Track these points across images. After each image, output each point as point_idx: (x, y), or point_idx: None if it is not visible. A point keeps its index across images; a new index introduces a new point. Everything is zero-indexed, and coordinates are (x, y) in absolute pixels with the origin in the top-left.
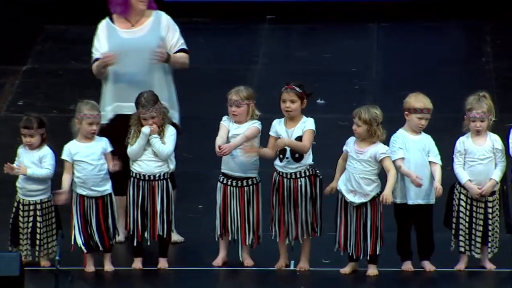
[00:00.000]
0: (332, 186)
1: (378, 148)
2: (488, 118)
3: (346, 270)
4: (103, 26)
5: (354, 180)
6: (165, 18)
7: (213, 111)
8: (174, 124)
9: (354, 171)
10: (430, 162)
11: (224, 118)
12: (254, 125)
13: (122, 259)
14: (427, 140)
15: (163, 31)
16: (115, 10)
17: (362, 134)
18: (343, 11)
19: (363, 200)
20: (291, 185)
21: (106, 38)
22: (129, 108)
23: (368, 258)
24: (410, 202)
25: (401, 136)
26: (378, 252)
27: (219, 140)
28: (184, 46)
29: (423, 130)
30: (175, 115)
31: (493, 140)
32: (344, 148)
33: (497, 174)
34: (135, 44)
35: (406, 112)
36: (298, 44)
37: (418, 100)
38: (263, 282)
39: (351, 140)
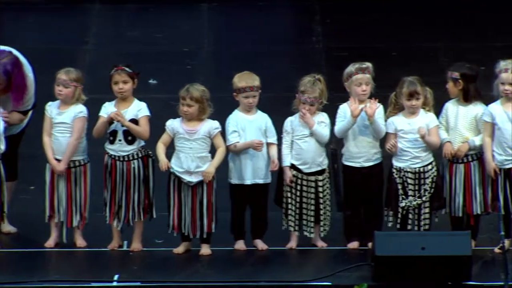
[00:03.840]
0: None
1: (211, 124)
2: (318, 102)
3: (179, 249)
4: None
5: (191, 161)
6: None
7: (41, 92)
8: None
9: (190, 151)
10: (267, 143)
11: (47, 105)
12: (79, 116)
13: None
14: (263, 120)
15: None
16: None
17: (194, 114)
18: None
19: (200, 178)
20: (123, 167)
21: None
22: None
23: (204, 237)
24: (248, 182)
25: (236, 117)
26: (214, 230)
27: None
28: None
29: (259, 109)
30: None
31: (320, 115)
32: (169, 127)
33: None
34: None
35: (234, 93)
36: (130, 24)
37: (241, 80)
38: (96, 262)
39: (176, 122)
